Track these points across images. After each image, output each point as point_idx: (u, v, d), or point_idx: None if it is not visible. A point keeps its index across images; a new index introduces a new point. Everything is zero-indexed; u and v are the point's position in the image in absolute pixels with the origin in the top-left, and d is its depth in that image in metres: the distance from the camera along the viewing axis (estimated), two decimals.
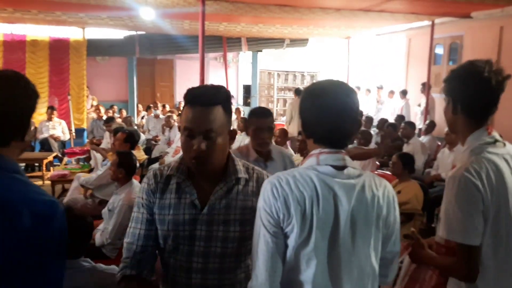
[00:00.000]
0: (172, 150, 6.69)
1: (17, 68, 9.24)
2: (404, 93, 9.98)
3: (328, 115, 1.29)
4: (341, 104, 1.30)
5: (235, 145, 6.67)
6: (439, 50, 9.84)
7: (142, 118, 10.58)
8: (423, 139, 7.08)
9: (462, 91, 1.59)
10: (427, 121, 7.44)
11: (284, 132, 5.70)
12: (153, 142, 8.20)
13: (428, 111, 8.36)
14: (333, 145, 1.31)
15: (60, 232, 1.23)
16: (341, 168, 1.28)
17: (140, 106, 11.52)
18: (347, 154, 1.32)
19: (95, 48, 10.03)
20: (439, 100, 9.26)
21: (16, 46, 9.21)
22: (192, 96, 1.46)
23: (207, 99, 1.45)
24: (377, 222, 1.30)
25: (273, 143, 5.65)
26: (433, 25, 7.73)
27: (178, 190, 1.50)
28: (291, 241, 1.24)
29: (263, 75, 14.44)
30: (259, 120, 2.66)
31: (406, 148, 6.31)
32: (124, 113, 10.01)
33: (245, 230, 1.47)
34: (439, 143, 7.34)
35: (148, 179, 1.55)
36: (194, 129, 1.42)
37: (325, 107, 1.30)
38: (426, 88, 8.26)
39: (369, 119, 8.55)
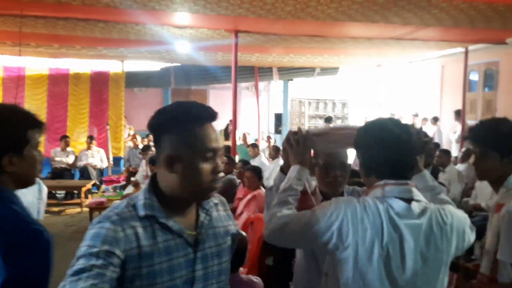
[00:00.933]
0: None
1: (60, 100, 9.72)
2: (435, 119, 9.82)
3: (396, 148, 1.35)
4: (405, 137, 1.36)
5: (266, 173, 6.71)
6: (474, 77, 9.68)
7: None
8: (460, 167, 6.90)
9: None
10: (463, 149, 7.27)
11: None
12: None
13: (463, 138, 8.18)
14: (399, 178, 1.36)
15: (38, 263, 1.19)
16: (408, 200, 1.32)
17: None
18: (413, 186, 1.38)
19: (133, 80, 10.42)
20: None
21: (60, 79, 9.71)
22: (203, 111, 1.29)
23: (214, 113, 1.31)
24: (447, 256, 1.34)
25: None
26: (466, 52, 7.66)
27: (164, 232, 1.20)
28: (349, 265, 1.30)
29: (294, 103, 14.55)
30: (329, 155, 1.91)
31: (442, 177, 6.17)
32: None
33: (228, 259, 1.39)
34: None
35: (114, 223, 1.14)
36: (219, 149, 1.27)
37: (390, 141, 1.35)
38: (461, 115, 8.12)
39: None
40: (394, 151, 1.35)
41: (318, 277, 1.77)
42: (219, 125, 13.09)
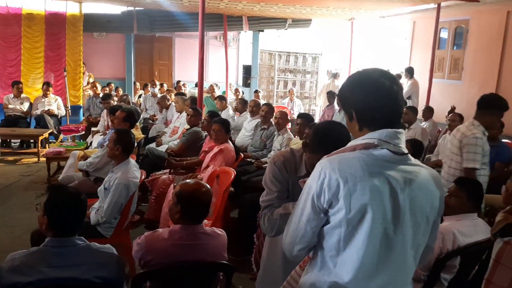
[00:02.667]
0: (170, 130, 6.58)
1: (13, 42, 9.03)
2: (410, 72, 9.38)
3: (389, 99, 1.34)
4: (395, 88, 1.36)
5: (232, 125, 6.56)
6: (444, 34, 9.66)
7: (140, 96, 10.42)
8: (424, 124, 7.00)
9: None
10: (424, 107, 7.34)
11: (285, 115, 5.59)
12: (150, 121, 8.07)
13: (429, 96, 8.23)
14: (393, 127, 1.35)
15: None
16: (400, 154, 1.34)
17: (138, 84, 11.35)
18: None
19: (92, 23, 9.81)
20: (440, 85, 9.15)
21: (12, 19, 8.97)
22: None
23: None
24: (430, 211, 1.38)
25: (274, 125, 5.59)
26: (439, 8, 7.54)
27: None
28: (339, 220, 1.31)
29: (264, 55, 14.22)
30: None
31: (407, 134, 6.21)
32: (121, 91, 9.85)
33: None
34: (440, 129, 7.26)
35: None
36: None
37: (385, 91, 1.34)
38: (430, 72, 8.11)
39: None
40: (388, 101, 1.34)
41: None
42: (184, 76, 12.74)
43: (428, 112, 7.16)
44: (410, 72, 8.87)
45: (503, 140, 5.55)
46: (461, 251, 2.39)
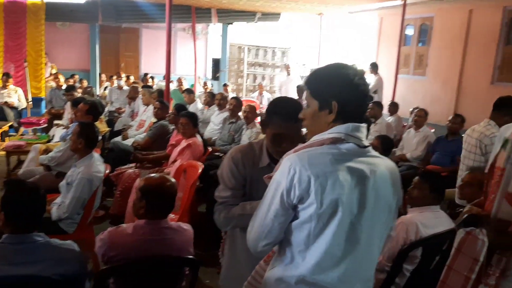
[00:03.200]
0: (136, 123, 6.44)
1: None
2: (374, 67, 9.53)
3: (361, 94, 1.38)
4: (365, 83, 1.41)
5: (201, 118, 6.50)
6: (410, 31, 9.89)
7: (105, 89, 10.16)
8: (389, 119, 7.15)
9: None
10: (390, 102, 7.50)
11: (253, 109, 5.58)
12: (116, 114, 7.88)
13: (394, 91, 8.42)
14: (359, 121, 1.39)
15: None
16: (363, 147, 1.37)
17: (104, 76, 11.06)
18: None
19: (55, 12, 9.48)
20: (405, 81, 9.38)
21: None
22: None
23: None
24: (392, 201, 1.43)
25: (242, 119, 5.57)
26: (404, 5, 7.71)
27: None
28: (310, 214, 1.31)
29: (233, 49, 14.13)
30: (286, 124, 1.83)
31: (373, 128, 6.33)
32: (86, 83, 9.58)
33: None
34: (405, 124, 7.44)
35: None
36: None
37: (357, 87, 1.37)
38: (396, 68, 8.29)
39: None
40: (361, 95, 1.38)
41: None
42: (151, 68, 12.51)
43: (394, 107, 7.32)
44: (374, 67, 9.02)
45: (463, 135, 5.74)
46: (423, 242, 2.45)
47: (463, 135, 5.62)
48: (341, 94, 1.36)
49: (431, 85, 9.25)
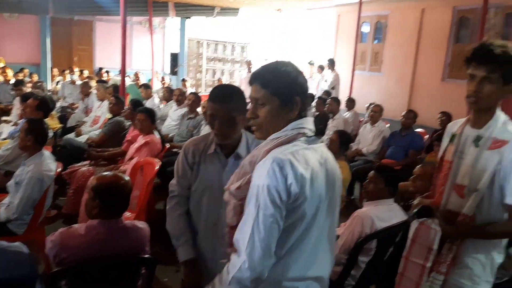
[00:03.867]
0: (90, 119, 6.22)
1: None
2: (332, 64, 9.75)
3: (305, 89, 1.43)
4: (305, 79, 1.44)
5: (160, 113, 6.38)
6: (366, 29, 10.12)
7: (57, 83, 9.75)
8: (347, 114, 7.30)
9: None
10: (347, 97, 7.67)
11: None
12: (69, 110, 7.58)
13: (351, 87, 8.61)
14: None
15: None
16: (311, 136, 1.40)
17: (55, 71, 10.61)
18: None
19: (2, 3, 9.02)
20: (362, 77, 9.61)
21: None
22: None
23: None
24: (339, 191, 1.46)
25: (201, 114, 5.51)
26: (360, 3, 7.87)
27: None
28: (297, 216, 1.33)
29: (191, 43, 13.95)
30: (212, 105, 1.90)
31: (331, 124, 6.46)
32: (36, 77, 9.15)
33: None
34: (361, 119, 7.63)
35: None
36: None
37: (305, 81, 1.42)
38: (353, 64, 8.47)
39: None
40: (307, 89, 1.44)
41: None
42: (106, 63, 12.13)
43: (351, 102, 7.47)
44: (332, 63, 9.19)
45: (416, 130, 5.95)
46: (377, 235, 2.52)
47: (416, 130, 5.85)
48: (303, 89, 1.40)
49: (386, 81, 9.53)
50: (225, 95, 1.87)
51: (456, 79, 8.11)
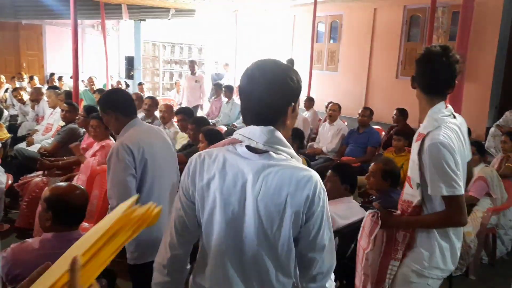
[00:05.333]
0: (42, 127, 5.96)
1: None
2: (290, 63, 9.92)
3: (250, 100, 1.28)
4: (262, 90, 1.25)
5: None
6: (322, 28, 10.28)
7: (6, 91, 9.29)
8: (306, 114, 7.39)
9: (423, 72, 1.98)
10: (306, 97, 7.77)
11: (170, 108, 5.44)
12: (19, 118, 7.24)
13: (309, 86, 8.72)
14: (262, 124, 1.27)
15: None
16: (259, 151, 1.26)
17: (3, 77, 10.10)
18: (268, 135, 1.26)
19: None
20: (319, 76, 9.76)
21: None
22: None
23: None
24: (281, 215, 1.24)
25: (159, 118, 5.40)
26: (315, 3, 7.99)
27: None
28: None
29: (147, 46, 13.69)
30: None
31: None
32: None
33: None
34: (320, 118, 7.74)
35: None
36: None
37: (248, 93, 1.29)
38: (310, 64, 8.58)
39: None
40: (248, 96, 1.29)
41: None
42: (57, 68, 11.68)
43: (309, 102, 7.58)
44: (291, 63, 9.28)
45: (373, 127, 6.11)
46: (339, 233, 2.55)
47: (373, 127, 6.01)
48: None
49: (343, 80, 9.72)
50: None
51: (409, 76, 8.38)
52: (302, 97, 8.00)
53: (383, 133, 6.43)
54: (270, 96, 1.25)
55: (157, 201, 2.50)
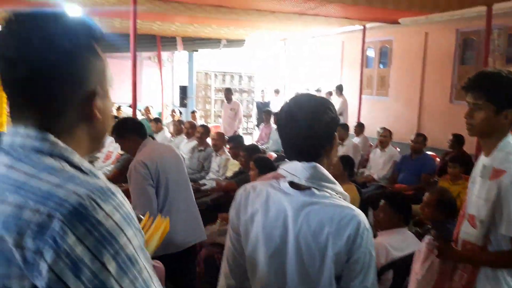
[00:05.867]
0: (103, 155, 6.31)
1: None
2: (340, 89, 9.89)
3: (292, 136, 1.28)
4: (304, 126, 1.25)
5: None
6: (371, 53, 10.24)
7: None
8: (356, 140, 7.30)
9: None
10: (356, 123, 7.69)
11: (221, 136, 5.59)
12: None
13: (359, 112, 8.65)
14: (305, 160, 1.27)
15: None
16: (301, 188, 1.25)
17: None
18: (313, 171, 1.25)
19: None
20: (369, 102, 9.65)
21: None
22: None
23: None
24: (323, 254, 1.21)
25: (211, 145, 5.57)
26: (364, 30, 8.01)
27: None
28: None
29: (199, 75, 14.21)
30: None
31: (340, 150, 6.44)
32: None
33: None
34: (371, 144, 7.62)
35: None
36: None
37: (289, 129, 1.28)
38: (359, 89, 8.54)
39: None
40: (285, 130, 1.29)
41: None
42: (117, 98, 12.35)
43: (359, 128, 7.49)
44: (340, 89, 9.30)
45: (427, 152, 5.93)
46: (393, 265, 2.49)
47: (427, 153, 5.83)
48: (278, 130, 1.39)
49: (394, 105, 9.56)
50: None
51: (463, 100, 8.09)
52: (352, 122, 7.95)
53: (438, 159, 6.21)
54: (311, 131, 1.24)
55: (172, 204, 2.64)
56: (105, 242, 0.68)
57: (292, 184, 1.26)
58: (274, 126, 8.52)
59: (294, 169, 1.25)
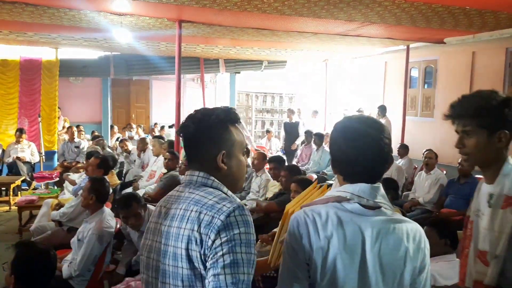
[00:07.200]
0: (147, 174, 6.49)
1: None
2: (383, 110, 9.67)
3: (363, 158, 1.29)
4: (376, 146, 1.30)
5: None
6: (415, 74, 10.02)
7: (117, 139, 10.33)
8: (400, 162, 7.11)
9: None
10: (399, 144, 7.49)
11: (262, 156, 5.61)
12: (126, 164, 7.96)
13: (403, 133, 8.44)
14: (358, 181, 1.31)
15: None
16: (371, 207, 1.28)
17: (116, 128, 11.28)
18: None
19: (68, 68, 9.82)
20: (413, 123, 9.40)
21: None
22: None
23: None
24: (403, 269, 1.29)
25: (251, 166, 5.59)
26: (408, 50, 7.87)
27: None
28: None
29: (241, 96, 14.42)
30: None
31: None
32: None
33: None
34: (416, 166, 7.38)
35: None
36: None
37: (360, 149, 1.30)
38: (403, 110, 8.35)
39: None
40: (366, 160, 1.30)
41: None
42: (161, 119, 12.76)
43: (403, 149, 7.30)
44: (383, 110, 9.11)
45: (475, 176, 5.67)
46: None
47: (476, 176, 5.58)
48: (338, 152, 1.36)
49: (440, 126, 9.23)
50: None
51: None
52: (395, 144, 7.75)
53: None
54: (382, 152, 1.30)
55: None
56: (243, 232, 1.23)
57: (361, 205, 1.29)
58: (314, 146, 8.46)
59: (362, 191, 1.29)
